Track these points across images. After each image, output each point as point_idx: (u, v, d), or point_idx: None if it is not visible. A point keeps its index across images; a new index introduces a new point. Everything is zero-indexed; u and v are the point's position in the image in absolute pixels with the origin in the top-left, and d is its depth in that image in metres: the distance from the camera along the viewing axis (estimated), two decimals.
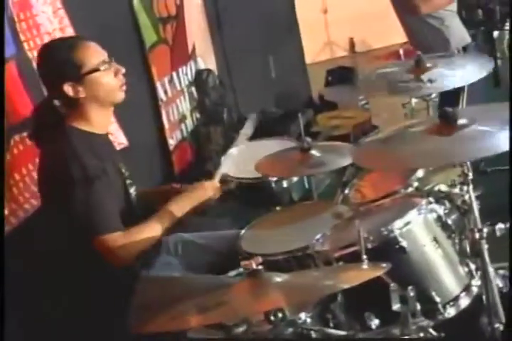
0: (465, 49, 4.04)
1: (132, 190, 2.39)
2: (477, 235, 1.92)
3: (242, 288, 1.71)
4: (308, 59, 6.37)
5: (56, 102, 2.32)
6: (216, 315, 1.67)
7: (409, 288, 1.81)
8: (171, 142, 4.06)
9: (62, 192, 2.16)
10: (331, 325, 2.03)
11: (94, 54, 2.29)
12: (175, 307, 1.79)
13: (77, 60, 2.25)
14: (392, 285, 1.81)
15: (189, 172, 4.11)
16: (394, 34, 6.26)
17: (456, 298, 2.06)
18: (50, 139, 2.31)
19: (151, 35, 4.00)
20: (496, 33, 5.77)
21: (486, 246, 1.92)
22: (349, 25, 7.54)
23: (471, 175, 1.92)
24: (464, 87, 3.55)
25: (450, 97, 3.44)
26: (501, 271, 2.18)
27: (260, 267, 1.71)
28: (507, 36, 5.75)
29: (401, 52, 4.98)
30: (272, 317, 1.65)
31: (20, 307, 2.44)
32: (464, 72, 2.44)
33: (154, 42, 4.02)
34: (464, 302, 2.06)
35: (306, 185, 3.08)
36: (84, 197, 2.14)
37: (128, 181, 2.39)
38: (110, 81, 2.29)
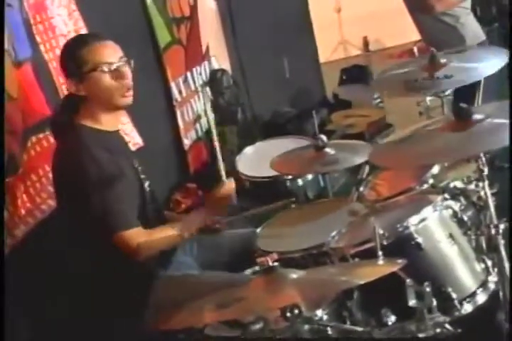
0: (480, 46, 4.03)
1: (146, 185, 2.39)
2: (493, 231, 1.91)
3: (258, 285, 1.72)
4: (322, 58, 6.36)
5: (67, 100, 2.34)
6: (232, 311, 1.69)
7: (426, 283, 1.82)
8: (186, 142, 4.10)
9: (79, 190, 2.16)
10: (348, 321, 2.04)
11: (101, 54, 2.25)
12: (191, 304, 1.81)
13: (80, 58, 2.23)
14: (408, 281, 1.81)
15: (204, 171, 4.13)
16: (408, 32, 6.21)
17: (473, 294, 2.06)
18: (63, 138, 2.32)
19: (165, 36, 4.03)
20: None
21: (502, 242, 1.91)
22: (363, 23, 7.52)
23: (486, 171, 1.91)
24: (479, 82, 3.53)
25: (466, 93, 3.42)
26: None
27: (276, 264, 1.72)
28: None
29: (415, 50, 4.97)
30: (288, 314, 1.65)
31: (34, 307, 2.47)
32: (480, 66, 2.41)
33: (168, 42, 4.06)
34: (481, 298, 2.06)
35: (321, 183, 3.09)
36: (101, 194, 2.14)
37: (142, 176, 2.38)
38: (107, 83, 2.24)
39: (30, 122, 2.63)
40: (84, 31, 3.07)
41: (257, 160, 3.19)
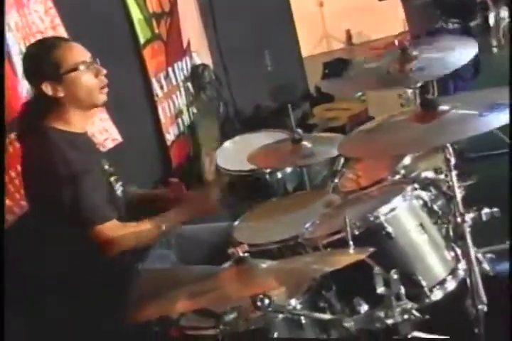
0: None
1: (118, 186, 2.42)
2: (459, 219, 1.95)
3: (230, 275, 1.78)
4: (305, 52, 6.38)
5: (36, 103, 2.34)
6: (205, 300, 1.74)
7: (392, 271, 1.85)
8: (168, 137, 4.10)
9: (51, 189, 2.18)
10: (328, 312, 2.06)
11: (74, 54, 2.28)
12: (166, 295, 1.85)
13: (56, 59, 2.25)
14: (376, 269, 1.85)
15: (187, 166, 4.16)
16: (391, 25, 6.30)
17: (443, 282, 2.09)
18: (30, 140, 2.32)
19: (146, 31, 4.03)
20: (492, 22, 5.81)
21: (468, 230, 1.95)
22: (345, 17, 7.54)
23: (453, 161, 1.95)
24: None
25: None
26: (489, 255, 2.22)
27: (246, 254, 1.76)
28: (503, 24, 5.79)
29: (396, 43, 5.00)
30: (259, 303, 1.69)
31: (19, 303, 2.48)
32: (451, 57, 2.43)
33: (149, 38, 4.05)
34: (451, 285, 2.09)
35: (301, 176, 3.12)
36: (73, 191, 2.16)
37: (113, 177, 2.40)
38: (89, 81, 2.28)
39: (8, 119, 2.61)
40: (61, 28, 3.06)
41: (236, 154, 3.21)
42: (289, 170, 3.05)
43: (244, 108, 4.88)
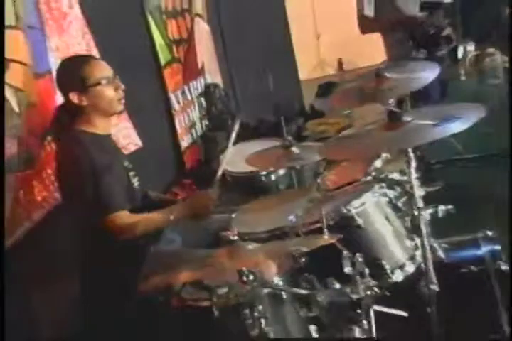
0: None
1: (135, 181, 2.42)
2: (416, 213, 1.98)
3: (223, 254, 1.82)
4: (303, 76, 6.42)
5: (65, 108, 2.36)
6: (202, 273, 1.81)
7: (357, 254, 1.90)
8: (183, 144, 4.15)
9: (78, 182, 2.20)
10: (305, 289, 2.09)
11: (99, 70, 2.31)
12: (171, 270, 1.89)
13: (83, 74, 2.28)
14: (345, 253, 1.89)
15: (198, 169, 4.19)
16: (376, 54, 6.31)
17: (403, 266, 2.14)
18: (65, 141, 2.35)
19: (166, 55, 4.08)
20: (460, 54, 5.83)
21: (423, 222, 1.97)
22: (338, 48, 7.58)
23: (414, 163, 1.98)
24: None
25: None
26: (444, 245, 2.25)
27: (236, 237, 1.80)
28: (469, 56, 5.83)
29: None
30: (245, 277, 1.72)
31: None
32: (417, 77, 2.46)
33: (168, 60, 4.10)
34: (410, 269, 2.14)
35: (291, 178, 3.15)
36: (95, 184, 2.18)
37: (131, 173, 2.42)
38: (110, 94, 2.30)
39: (48, 125, 2.66)
40: (95, 50, 3.11)
41: (237, 158, 3.24)
42: (281, 172, 3.08)
43: (248, 121, 4.90)
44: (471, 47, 5.85)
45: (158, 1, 4.06)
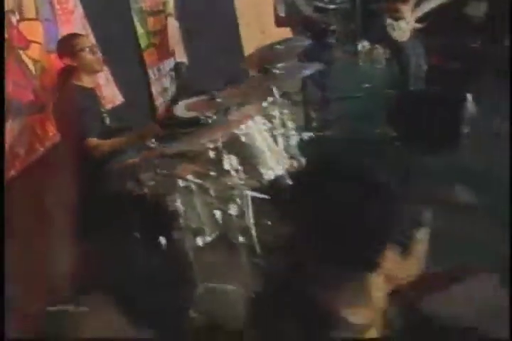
0: None
1: (107, 120, 2.51)
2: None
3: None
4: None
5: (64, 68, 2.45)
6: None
7: (233, 156, 2.14)
8: (156, 104, 4.17)
9: (70, 119, 2.35)
10: None
11: (83, 41, 2.45)
12: None
13: (72, 43, 2.43)
14: (225, 156, 2.12)
15: (164, 117, 4.03)
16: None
17: (273, 169, 2.32)
18: (62, 90, 2.49)
19: (145, 41, 4.06)
20: (359, 47, 6.05)
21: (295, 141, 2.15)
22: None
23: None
24: None
25: None
26: None
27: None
28: (365, 49, 6.08)
29: None
30: None
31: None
32: None
33: (147, 45, 4.07)
34: (279, 172, 2.32)
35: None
36: (79, 119, 2.32)
37: (104, 114, 2.53)
38: (90, 57, 2.42)
39: (54, 83, 2.67)
40: (92, 38, 3.10)
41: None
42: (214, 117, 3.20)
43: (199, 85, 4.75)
44: (366, 44, 6.13)
45: (140, 3, 4.02)
